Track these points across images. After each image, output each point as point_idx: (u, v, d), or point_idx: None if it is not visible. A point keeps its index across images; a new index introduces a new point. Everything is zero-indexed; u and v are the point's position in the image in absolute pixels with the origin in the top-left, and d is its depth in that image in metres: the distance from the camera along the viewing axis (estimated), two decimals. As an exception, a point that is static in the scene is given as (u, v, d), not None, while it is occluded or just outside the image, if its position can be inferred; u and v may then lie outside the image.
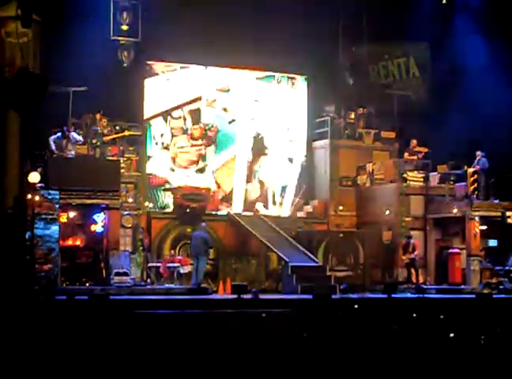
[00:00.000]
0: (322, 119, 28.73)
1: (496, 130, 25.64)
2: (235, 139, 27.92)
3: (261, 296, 20.79)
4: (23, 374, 8.09)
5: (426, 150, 27.02)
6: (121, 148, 24.42)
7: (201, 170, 27.29)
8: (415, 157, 27.17)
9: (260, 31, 26.48)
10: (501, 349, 8.56)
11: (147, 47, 25.63)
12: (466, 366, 8.26)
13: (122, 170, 23.52)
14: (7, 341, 8.86)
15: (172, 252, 24.69)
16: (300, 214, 27.72)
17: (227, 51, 26.28)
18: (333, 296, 20.57)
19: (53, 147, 22.60)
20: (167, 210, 25.98)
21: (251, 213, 27.12)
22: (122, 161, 23.82)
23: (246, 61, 27.30)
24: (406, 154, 27.31)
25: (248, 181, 28.03)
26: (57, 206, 21.63)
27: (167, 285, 23.26)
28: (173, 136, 26.99)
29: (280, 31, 26.51)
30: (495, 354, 8.48)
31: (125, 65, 25.57)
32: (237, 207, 27.57)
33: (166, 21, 24.99)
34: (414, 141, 27.25)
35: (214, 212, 26.46)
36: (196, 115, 27.36)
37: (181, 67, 27.23)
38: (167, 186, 26.53)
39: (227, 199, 27.59)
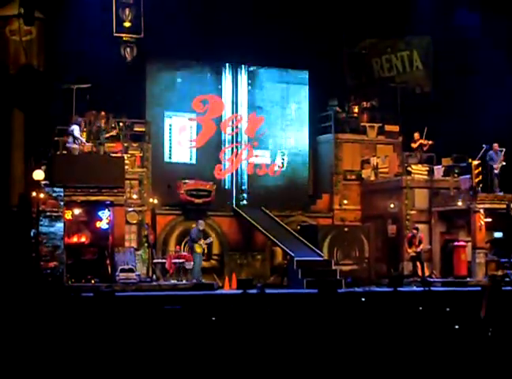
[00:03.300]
0: (326, 113, 28.72)
1: (500, 122, 25.58)
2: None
3: (267, 291, 20.79)
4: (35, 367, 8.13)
5: (430, 142, 26.96)
6: (125, 144, 24.41)
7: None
8: (418, 150, 27.09)
9: (262, 24, 26.46)
10: (507, 341, 8.56)
11: (150, 44, 25.60)
12: (472, 358, 8.26)
13: (126, 167, 23.53)
14: (13, 336, 8.89)
15: (177, 248, 24.70)
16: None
17: (229, 46, 26.26)
18: (339, 290, 20.61)
19: (77, 134, 22.50)
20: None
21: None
22: (126, 158, 23.81)
23: (249, 55, 27.27)
24: (413, 144, 27.21)
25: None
26: (61, 203, 21.67)
27: (172, 281, 23.27)
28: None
29: (283, 26, 26.48)
30: (501, 345, 8.48)
31: (128, 61, 25.54)
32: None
33: (168, 17, 24.98)
34: (416, 134, 27.20)
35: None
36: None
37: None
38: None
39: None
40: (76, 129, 22.39)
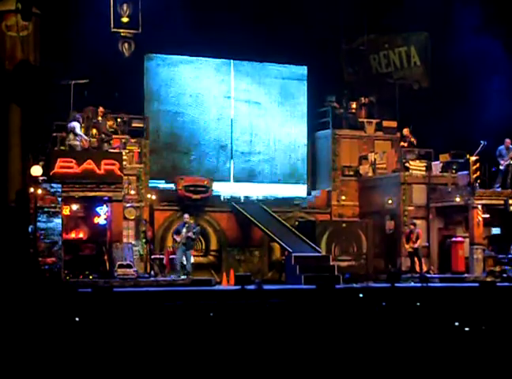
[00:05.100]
0: (324, 109, 28.71)
1: (498, 118, 25.58)
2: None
3: (265, 287, 20.81)
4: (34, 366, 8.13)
5: (414, 140, 27.11)
6: (123, 140, 24.40)
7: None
8: (405, 144, 27.24)
9: (260, 21, 26.44)
10: (504, 337, 8.56)
11: (148, 39, 25.57)
12: (469, 354, 8.27)
13: (124, 163, 23.49)
14: (11, 332, 8.88)
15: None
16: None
17: (228, 42, 26.24)
18: (337, 286, 20.63)
19: (78, 131, 22.43)
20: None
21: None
22: (124, 153, 23.78)
23: (247, 51, 27.25)
24: (401, 143, 27.36)
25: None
26: (59, 199, 21.64)
27: (170, 277, 23.26)
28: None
29: (281, 21, 26.47)
30: (498, 341, 8.49)
31: (126, 57, 25.49)
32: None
33: (166, 13, 24.96)
34: (405, 130, 27.30)
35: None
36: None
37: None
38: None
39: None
40: (77, 126, 22.38)
